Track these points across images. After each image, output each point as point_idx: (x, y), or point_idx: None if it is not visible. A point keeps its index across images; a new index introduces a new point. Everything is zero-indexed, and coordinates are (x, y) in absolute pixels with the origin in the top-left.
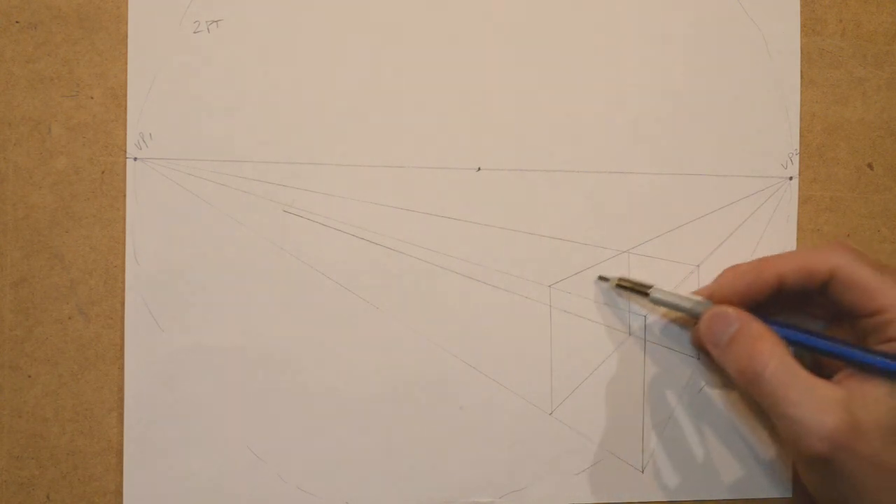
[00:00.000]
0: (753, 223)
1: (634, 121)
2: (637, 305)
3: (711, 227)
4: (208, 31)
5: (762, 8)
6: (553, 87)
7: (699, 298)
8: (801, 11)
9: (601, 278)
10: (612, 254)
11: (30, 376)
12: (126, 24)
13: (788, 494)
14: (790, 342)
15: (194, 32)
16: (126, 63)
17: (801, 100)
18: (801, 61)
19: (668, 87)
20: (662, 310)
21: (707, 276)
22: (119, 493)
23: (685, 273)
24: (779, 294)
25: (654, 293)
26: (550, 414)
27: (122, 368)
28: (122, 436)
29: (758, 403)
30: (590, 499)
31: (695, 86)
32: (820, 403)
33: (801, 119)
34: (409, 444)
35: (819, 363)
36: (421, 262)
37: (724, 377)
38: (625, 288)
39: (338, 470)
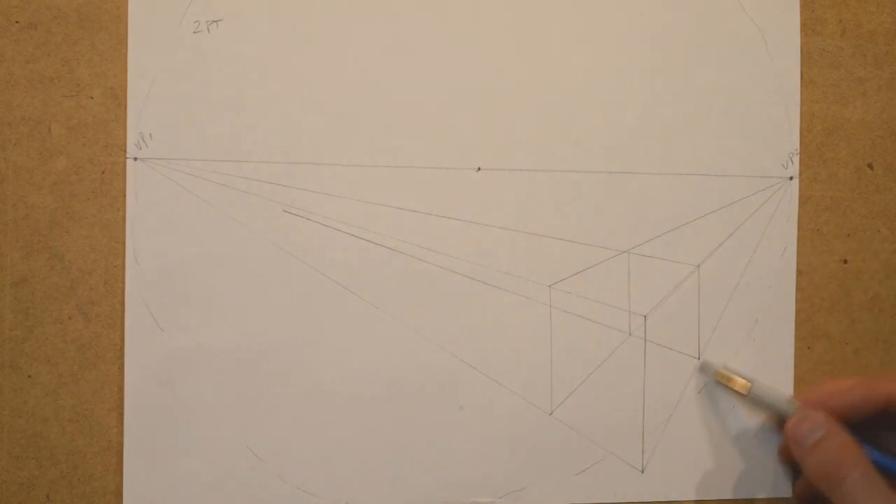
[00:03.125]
0: (753, 223)
1: (634, 121)
2: (733, 398)
3: (711, 227)
4: (208, 31)
5: (762, 8)
6: (553, 88)
7: (793, 400)
8: (801, 11)
9: (706, 364)
10: (612, 254)
11: (30, 376)
12: (126, 24)
13: (788, 494)
14: (878, 465)
15: (194, 32)
16: (126, 63)
17: (801, 100)
18: (801, 61)
19: (669, 87)
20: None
21: (707, 276)
22: (119, 493)
23: (685, 273)
24: (879, 417)
25: (755, 390)
26: (550, 414)
27: (122, 368)
28: (122, 436)
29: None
30: (590, 499)
31: (695, 86)
32: None
33: (801, 119)
34: (410, 444)
35: None
36: (421, 262)
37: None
38: (723, 383)
39: (338, 470)
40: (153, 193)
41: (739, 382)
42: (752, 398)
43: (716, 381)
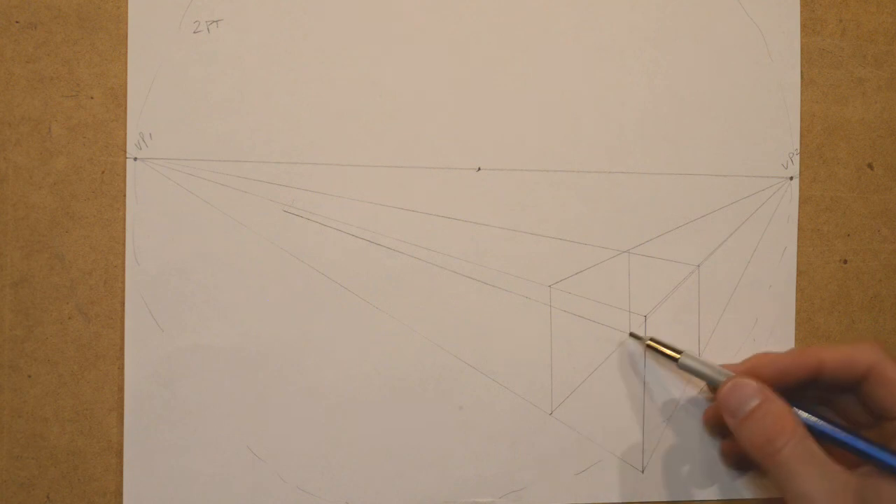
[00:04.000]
0: (753, 223)
1: (634, 121)
2: (662, 368)
3: (711, 227)
4: (208, 31)
5: (762, 8)
6: (553, 88)
7: (725, 370)
8: (801, 11)
9: (633, 335)
10: (612, 254)
11: (30, 376)
12: (126, 24)
13: None
14: (811, 430)
15: (194, 32)
16: (126, 63)
17: (801, 100)
18: (801, 61)
19: (669, 87)
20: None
21: (707, 276)
22: (119, 493)
23: (685, 273)
24: (809, 384)
25: (683, 359)
26: (550, 414)
27: (122, 368)
28: (122, 436)
29: (769, 475)
30: (590, 499)
31: (695, 86)
32: (835, 489)
33: (801, 119)
34: (409, 444)
35: (834, 457)
36: (421, 262)
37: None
38: (655, 350)
39: (338, 470)
40: (153, 193)
41: (668, 352)
42: (681, 366)
43: (647, 349)
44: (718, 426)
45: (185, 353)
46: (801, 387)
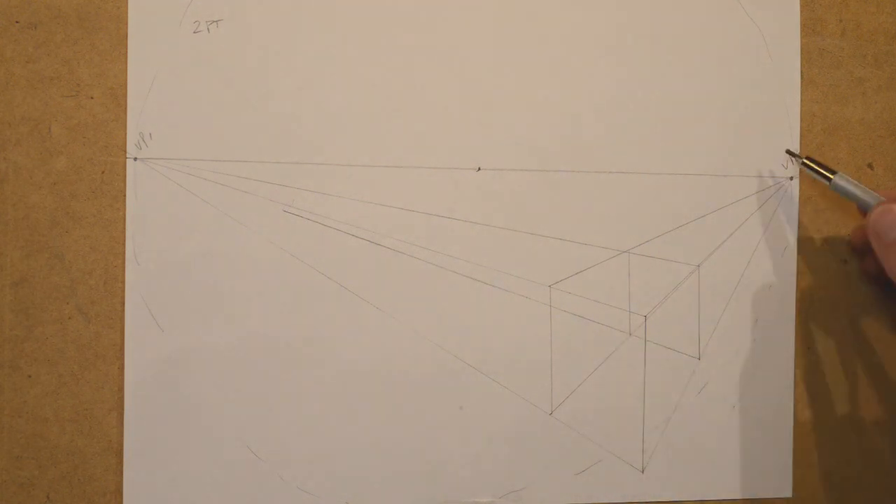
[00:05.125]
0: (753, 223)
1: (634, 121)
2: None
3: (711, 227)
4: (208, 31)
5: (762, 8)
6: (553, 88)
7: (876, 194)
8: (801, 11)
9: (789, 153)
10: (612, 254)
11: (30, 376)
12: (126, 24)
13: (788, 494)
14: None
15: (194, 32)
16: (126, 63)
17: (801, 100)
18: (801, 61)
19: (669, 87)
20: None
21: (707, 276)
22: (119, 493)
23: (685, 273)
24: None
25: (837, 179)
26: (550, 414)
27: (122, 368)
28: (122, 436)
29: None
30: (590, 499)
31: (695, 86)
32: None
33: (801, 119)
34: (410, 444)
35: None
36: (421, 262)
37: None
38: (810, 168)
39: (338, 470)
40: (153, 193)
41: (822, 172)
42: (833, 186)
43: (802, 166)
44: (862, 245)
45: (185, 353)
46: None
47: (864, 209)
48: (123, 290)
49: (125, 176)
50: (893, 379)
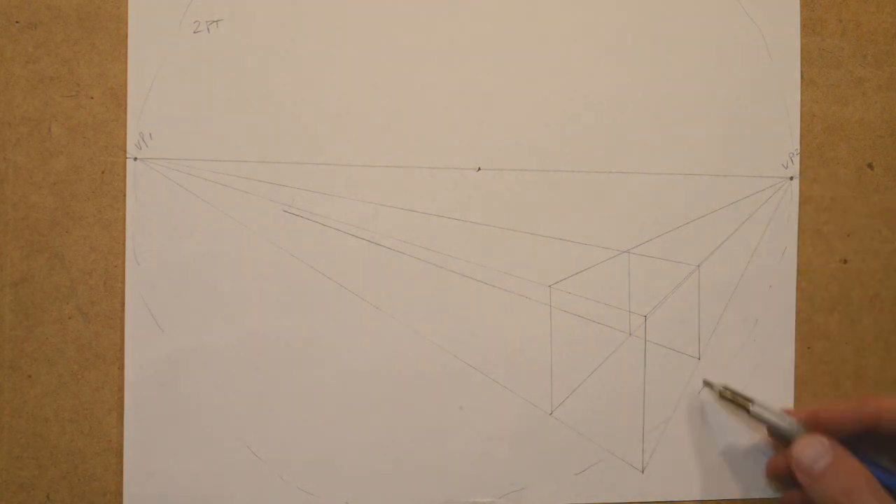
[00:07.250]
0: (753, 223)
1: (635, 121)
2: (735, 416)
3: (711, 227)
4: (208, 31)
5: (762, 8)
6: (553, 88)
7: (796, 422)
8: (801, 11)
9: (706, 383)
10: (612, 254)
11: (30, 376)
12: (126, 24)
13: None
14: (881, 484)
15: (194, 32)
16: (126, 63)
17: (801, 100)
18: (801, 61)
19: (669, 87)
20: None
21: (707, 276)
22: (119, 493)
23: (685, 273)
24: (869, 432)
25: (754, 409)
26: (550, 414)
27: (122, 368)
28: (122, 436)
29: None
30: (590, 499)
31: (695, 86)
32: None
33: (801, 119)
34: (409, 444)
35: None
36: (421, 262)
37: None
38: (726, 398)
39: (338, 470)
40: (153, 193)
41: (739, 402)
42: (752, 415)
43: (719, 398)
44: (782, 477)
45: (185, 353)
46: (858, 437)
47: (780, 438)
48: (123, 290)
49: (125, 176)
50: (893, 379)
